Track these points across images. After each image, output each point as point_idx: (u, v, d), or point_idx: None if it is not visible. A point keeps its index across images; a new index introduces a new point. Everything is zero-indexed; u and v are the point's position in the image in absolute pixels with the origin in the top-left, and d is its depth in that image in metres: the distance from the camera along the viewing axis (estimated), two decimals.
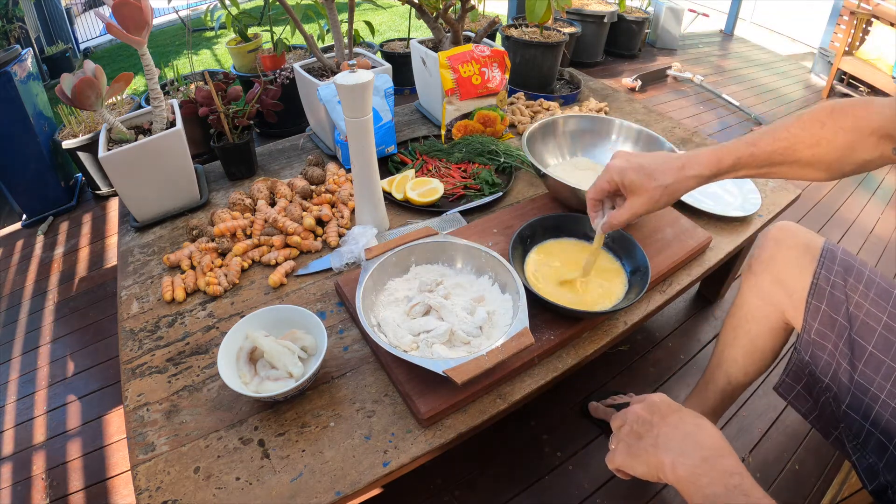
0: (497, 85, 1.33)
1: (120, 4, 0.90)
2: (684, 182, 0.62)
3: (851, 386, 0.62)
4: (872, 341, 0.61)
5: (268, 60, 2.04)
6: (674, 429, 0.48)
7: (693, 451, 0.45)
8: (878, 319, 0.62)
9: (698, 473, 0.43)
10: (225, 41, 2.56)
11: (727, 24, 3.80)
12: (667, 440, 0.47)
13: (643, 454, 0.48)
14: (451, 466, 1.01)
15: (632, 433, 0.51)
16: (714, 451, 0.44)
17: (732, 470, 0.43)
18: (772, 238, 0.75)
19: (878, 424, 0.60)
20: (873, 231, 1.76)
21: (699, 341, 1.30)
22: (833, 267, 0.66)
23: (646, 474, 0.48)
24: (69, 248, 1.75)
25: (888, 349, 0.60)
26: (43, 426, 1.19)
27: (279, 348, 0.72)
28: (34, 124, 1.78)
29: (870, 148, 0.56)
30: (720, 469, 0.43)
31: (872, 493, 0.60)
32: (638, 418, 0.51)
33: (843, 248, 0.68)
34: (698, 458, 0.44)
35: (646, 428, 0.50)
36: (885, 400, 0.59)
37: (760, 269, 0.75)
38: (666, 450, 0.46)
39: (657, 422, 0.49)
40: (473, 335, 0.74)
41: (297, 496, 0.62)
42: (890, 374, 0.60)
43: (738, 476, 0.42)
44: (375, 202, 0.98)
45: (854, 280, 0.64)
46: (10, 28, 2.72)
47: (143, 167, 1.01)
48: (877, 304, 0.62)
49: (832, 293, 0.65)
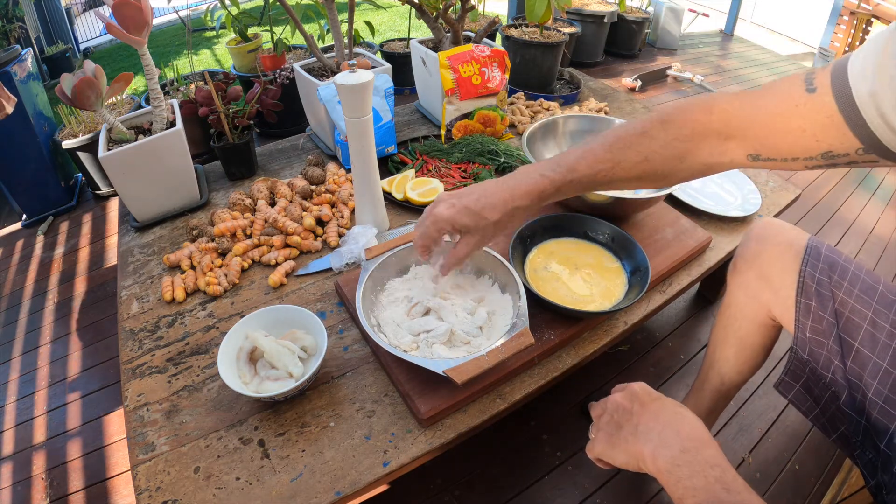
0: (497, 85, 1.33)
1: (120, 4, 0.90)
2: (511, 213, 0.62)
3: (845, 383, 0.62)
4: (859, 338, 0.61)
5: (268, 60, 2.04)
6: (654, 418, 0.47)
7: (673, 441, 0.44)
8: (864, 316, 0.61)
9: (678, 464, 0.43)
10: (225, 41, 2.56)
11: (727, 24, 3.79)
12: (647, 430, 0.46)
13: (623, 444, 0.48)
14: (451, 466, 1.01)
15: (611, 422, 0.50)
16: (694, 441, 0.44)
17: (713, 462, 0.42)
18: (755, 236, 0.74)
19: (870, 421, 0.60)
20: (873, 231, 1.76)
21: (699, 341, 1.30)
22: (818, 264, 0.65)
23: (626, 464, 0.48)
24: (69, 248, 1.75)
25: (874, 346, 0.60)
26: (43, 426, 1.19)
27: (279, 348, 0.72)
28: (34, 124, 1.78)
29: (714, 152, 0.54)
30: (700, 460, 0.42)
31: (872, 489, 0.60)
32: (618, 407, 0.50)
33: (828, 245, 0.67)
34: (678, 449, 0.44)
35: (626, 417, 0.49)
36: (873, 398, 0.59)
37: (745, 266, 0.75)
38: (646, 440, 0.46)
39: (637, 410, 0.49)
40: (473, 335, 0.74)
41: (297, 496, 0.62)
42: (876, 371, 0.59)
43: (718, 468, 0.42)
44: (375, 202, 0.98)
45: (839, 277, 0.64)
46: (10, 28, 2.72)
47: (143, 167, 1.01)
48: (861, 301, 0.62)
49: (819, 290, 0.64)
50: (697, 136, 0.54)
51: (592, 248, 0.91)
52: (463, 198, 0.64)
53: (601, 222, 0.91)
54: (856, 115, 0.42)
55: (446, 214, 0.63)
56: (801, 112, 0.45)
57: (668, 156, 0.55)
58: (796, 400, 0.71)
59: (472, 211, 0.62)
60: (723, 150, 0.53)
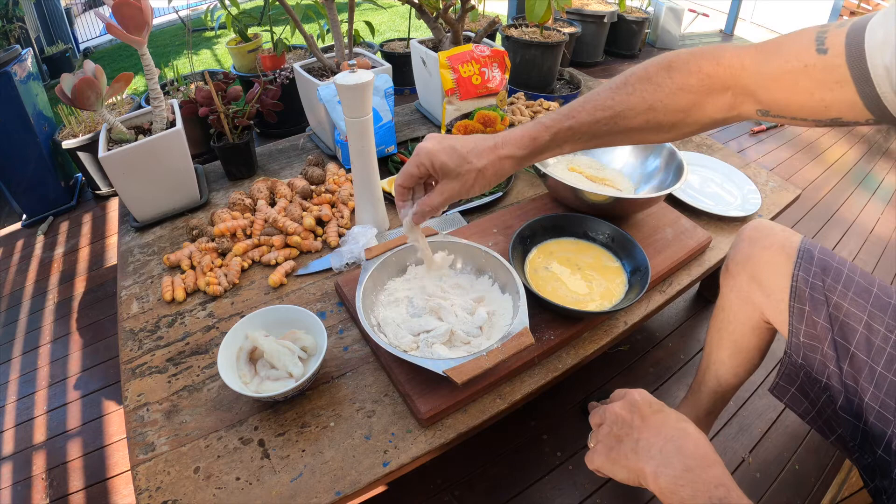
0: (497, 85, 1.33)
1: (120, 4, 0.90)
2: (499, 163, 0.57)
3: (842, 388, 0.61)
4: (854, 342, 0.59)
5: (268, 60, 2.04)
6: (655, 433, 0.45)
7: (675, 459, 0.42)
8: (859, 319, 0.60)
9: (680, 484, 0.41)
10: (225, 41, 2.56)
11: (727, 24, 3.79)
12: (648, 446, 0.44)
13: (623, 459, 0.46)
14: (451, 466, 1.01)
15: (611, 434, 0.48)
16: (698, 459, 0.42)
17: (718, 481, 0.40)
18: (746, 238, 0.72)
19: (867, 425, 0.59)
20: (873, 231, 1.76)
21: (699, 341, 1.30)
22: (811, 268, 0.63)
23: (626, 479, 0.46)
24: (69, 248, 1.75)
25: (870, 350, 0.58)
26: (43, 426, 1.19)
27: (279, 348, 0.72)
28: (34, 124, 1.78)
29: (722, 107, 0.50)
30: (704, 480, 0.41)
31: (872, 492, 0.60)
32: (617, 419, 0.48)
33: (821, 247, 0.65)
34: (681, 468, 0.42)
35: (626, 430, 0.47)
36: (869, 403, 0.58)
37: (737, 269, 0.73)
38: (647, 457, 0.44)
39: (638, 424, 0.47)
40: (473, 335, 0.74)
41: (297, 496, 0.62)
42: (872, 375, 0.58)
43: (723, 488, 0.40)
44: (375, 202, 0.98)
45: (832, 280, 0.62)
46: (10, 28, 2.72)
47: (143, 167, 1.01)
48: (856, 304, 0.60)
49: (812, 295, 0.63)
50: (705, 89, 0.50)
51: (592, 248, 0.91)
52: (451, 139, 0.58)
53: (601, 222, 0.91)
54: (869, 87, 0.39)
55: (428, 146, 0.58)
56: (809, 73, 0.43)
57: (673, 107, 0.51)
58: (792, 403, 0.70)
59: (457, 152, 0.57)
60: (731, 105, 0.50)
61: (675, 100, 0.51)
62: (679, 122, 0.53)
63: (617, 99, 0.53)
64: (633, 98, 0.52)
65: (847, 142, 2.32)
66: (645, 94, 0.52)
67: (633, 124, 0.53)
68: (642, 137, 0.55)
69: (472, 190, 0.59)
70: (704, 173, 1.25)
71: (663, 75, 0.51)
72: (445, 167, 0.57)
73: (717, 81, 0.49)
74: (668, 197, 1.07)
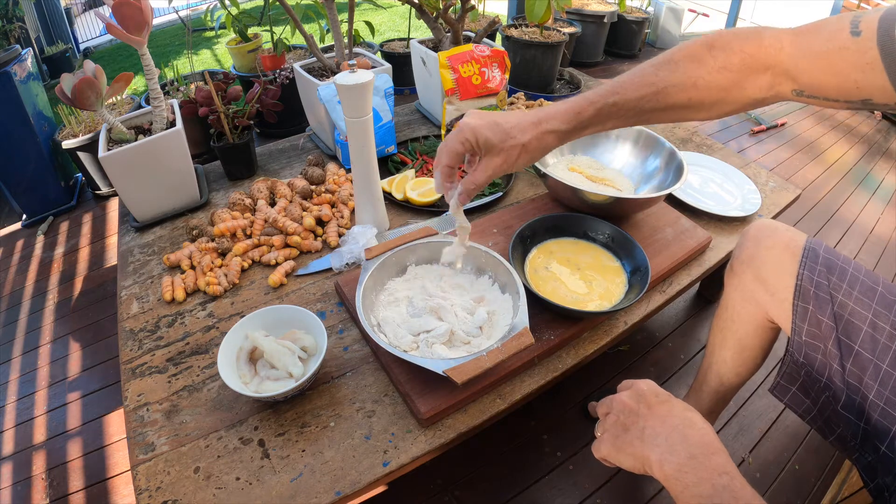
0: (497, 85, 1.33)
1: (120, 4, 0.90)
2: (542, 139, 0.57)
3: (844, 386, 0.61)
4: (859, 340, 0.60)
5: (268, 60, 2.04)
6: (661, 422, 0.46)
7: (681, 447, 0.43)
8: (864, 318, 0.60)
9: (685, 471, 0.42)
10: (225, 41, 2.56)
11: (727, 25, 3.79)
12: (654, 434, 0.45)
13: (629, 447, 0.46)
14: (451, 466, 1.01)
15: (618, 423, 0.49)
16: (703, 447, 0.43)
17: (721, 469, 0.41)
18: (751, 237, 0.73)
19: (870, 424, 0.59)
20: (873, 231, 1.76)
21: (699, 341, 1.30)
22: (816, 267, 0.64)
23: (632, 467, 0.47)
24: (69, 248, 1.75)
25: (874, 348, 0.59)
26: (43, 426, 1.19)
27: (279, 348, 0.72)
28: (34, 124, 1.78)
29: (762, 86, 0.52)
30: (708, 467, 0.41)
31: (872, 491, 0.60)
32: (624, 408, 0.49)
33: (826, 246, 0.66)
34: (685, 456, 0.42)
35: (632, 419, 0.48)
36: (874, 400, 0.58)
37: (741, 268, 0.74)
38: (653, 445, 0.44)
39: (644, 413, 0.47)
40: (473, 335, 0.74)
41: (297, 496, 0.62)
42: (877, 373, 0.58)
43: (727, 476, 0.41)
44: (375, 202, 0.98)
45: (837, 279, 0.62)
46: (10, 28, 2.72)
47: (143, 167, 1.01)
48: (861, 303, 0.60)
49: (817, 294, 0.63)
50: (746, 68, 0.51)
51: (592, 248, 0.91)
52: (494, 114, 0.58)
53: (601, 222, 0.91)
54: None
55: (472, 123, 0.58)
56: (843, 55, 0.45)
57: (715, 85, 0.52)
58: (792, 403, 0.70)
59: (500, 127, 0.57)
60: (770, 85, 0.51)
61: (717, 78, 0.52)
62: (720, 101, 0.54)
63: (661, 75, 0.54)
64: (677, 75, 0.53)
65: (847, 142, 2.32)
66: (689, 71, 0.53)
67: (675, 101, 0.54)
68: (683, 115, 0.56)
69: (516, 165, 0.59)
70: (704, 173, 1.25)
71: (706, 53, 0.52)
72: (489, 142, 0.57)
73: (759, 61, 0.51)
74: (668, 197, 1.07)
